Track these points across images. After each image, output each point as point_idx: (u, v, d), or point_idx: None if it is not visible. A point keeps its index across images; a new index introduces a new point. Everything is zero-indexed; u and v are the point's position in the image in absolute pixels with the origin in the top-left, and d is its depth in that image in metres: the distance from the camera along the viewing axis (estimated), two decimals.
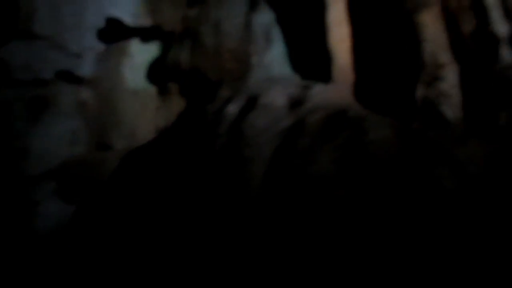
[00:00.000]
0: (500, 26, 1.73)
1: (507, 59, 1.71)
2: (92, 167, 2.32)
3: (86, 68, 2.53)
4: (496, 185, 1.67)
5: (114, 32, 2.56)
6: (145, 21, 2.54)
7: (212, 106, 2.04)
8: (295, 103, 1.86)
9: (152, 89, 2.52)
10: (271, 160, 1.61)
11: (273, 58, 2.25)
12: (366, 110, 1.84)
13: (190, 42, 2.44)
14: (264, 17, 2.30)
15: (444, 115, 1.80)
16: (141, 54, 2.55)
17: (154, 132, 2.40)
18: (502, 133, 1.82)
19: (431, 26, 1.79)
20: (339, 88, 2.01)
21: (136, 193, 1.95)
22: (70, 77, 2.51)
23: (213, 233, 1.62)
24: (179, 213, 1.75)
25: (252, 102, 1.85)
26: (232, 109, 1.86)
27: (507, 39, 1.73)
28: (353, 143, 1.55)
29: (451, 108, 1.79)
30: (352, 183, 1.45)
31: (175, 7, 2.52)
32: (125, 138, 2.41)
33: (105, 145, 2.44)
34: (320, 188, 1.49)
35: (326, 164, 1.50)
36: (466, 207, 1.49)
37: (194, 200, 1.72)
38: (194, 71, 2.40)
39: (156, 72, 2.52)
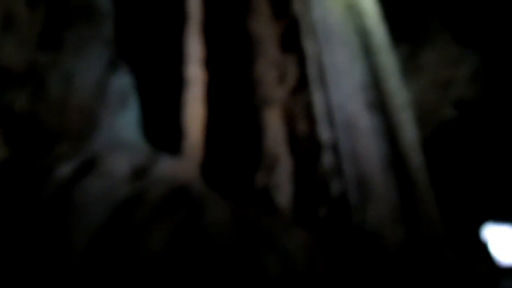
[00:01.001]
0: (324, 133, 2.07)
1: (327, 162, 2.03)
2: None
3: None
4: (314, 273, 1.84)
5: None
6: None
7: (42, 163, 1.80)
8: (139, 173, 1.79)
9: None
10: (99, 233, 1.45)
11: (125, 123, 2.17)
12: (210, 190, 1.89)
13: (33, 88, 2.19)
14: (123, 79, 2.25)
15: (277, 203, 1.97)
16: None
17: None
18: (321, 225, 2.07)
19: (272, 123, 2.02)
20: (187, 164, 2.03)
21: None
22: None
23: None
24: None
25: (90, 166, 1.70)
26: (66, 169, 1.67)
27: (329, 145, 2.07)
28: (191, 223, 1.53)
29: (283, 198, 1.98)
30: (182, 264, 1.41)
31: (22, 45, 2.27)
32: None
33: None
34: (148, 266, 1.40)
35: (158, 242, 1.43)
36: None
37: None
38: (30, 119, 2.12)
39: None
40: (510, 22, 4.69)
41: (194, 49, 2.18)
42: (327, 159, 2.01)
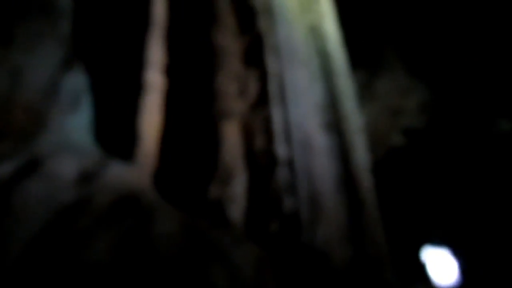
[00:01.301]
0: (280, 150, 2.10)
1: (282, 179, 2.04)
2: None
3: None
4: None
5: None
6: None
7: None
8: (86, 178, 1.70)
9: None
10: (37, 238, 1.36)
11: (76, 125, 2.07)
12: (161, 199, 1.83)
13: None
14: (77, 79, 2.16)
15: (230, 217, 1.95)
16: None
17: None
18: (272, 241, 2.07)
19: (230, 136, 2.02)
20: (139, 171, 1.96)
21: None
22: None
23: None
24: None
25: (34, 167, 1.59)
26: (6, 169, 1.55)
27: (285, 162, 2.10)
28: (138, 233, 1.47)
29: (236, 212, 1.97)
30: (125, 276, 1.34)
31: None
32: None
33: None
34: (88, 277, 1.32)
35: (102, 252, 1.35)
36: None
37: None
38: None
39: None
40: (457, 57, 5.08)
41: (156, 55, 2.14)
42: (282, 175, 2.02)
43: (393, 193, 4.81)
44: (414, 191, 5.47)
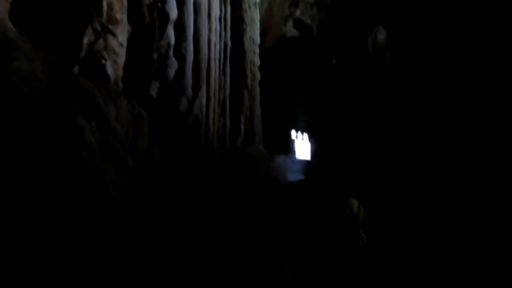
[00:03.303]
0: (172, 10, 1.91)
1: (169, 38, 1.90)
2: None
3: None
4: (134, 145, 1.83)
5: None
6: None
7: None
8: None
9: None
10: None
11: None
12: (22, 36, 1.57)
13: None
14: None
15: (105, 69, 1.79)
16: None
17: None
18: (150, 103, 2.02)
19: None
20: None
21: None
22: None
23: None
24: None
25: None
26: None
27: (173, 22, 1.94)
28: None
29: (114, 66, 1.81)
30: None
31: None
32: None
33: None
34: None
35: None
36: (93, 166, 1.52)
37: None
38: None
39: None
40: None
41: None
42: (170, 35, 1.88)
43: (274, 79, 5.09)
44: (291, 80, 5.90)
